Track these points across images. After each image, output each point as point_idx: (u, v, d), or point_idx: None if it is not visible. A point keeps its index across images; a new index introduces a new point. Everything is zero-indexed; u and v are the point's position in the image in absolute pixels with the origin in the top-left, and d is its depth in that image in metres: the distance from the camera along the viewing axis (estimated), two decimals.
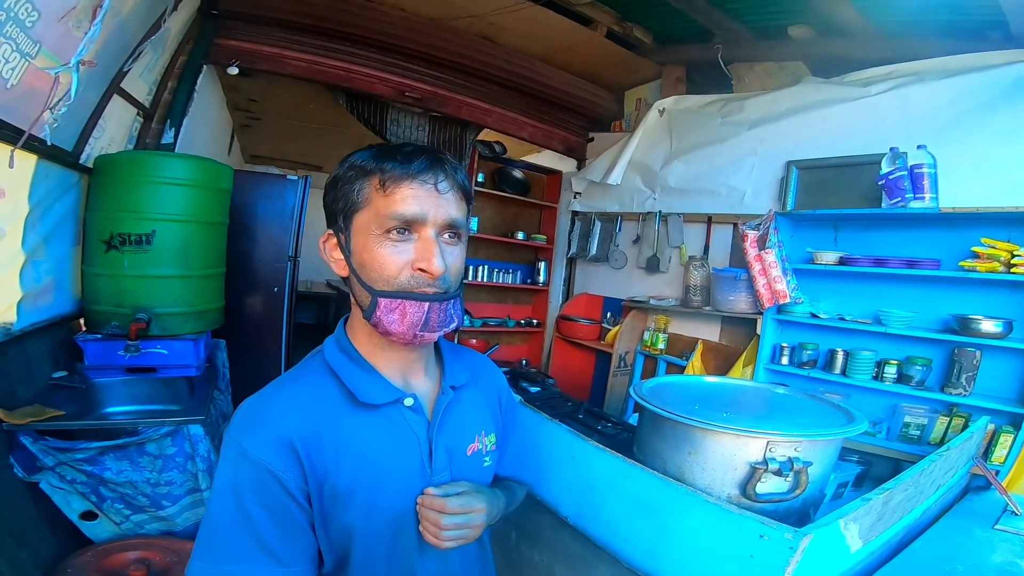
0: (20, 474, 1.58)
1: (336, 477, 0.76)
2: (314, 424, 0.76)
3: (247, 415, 0.76)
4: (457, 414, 0.89)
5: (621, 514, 1.28)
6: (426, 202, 0.76)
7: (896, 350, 2.46)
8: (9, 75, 1.47)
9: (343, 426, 0.78)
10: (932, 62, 2.51)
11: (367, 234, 0.77)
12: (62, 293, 2.07)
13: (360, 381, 0.80)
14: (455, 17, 3.35)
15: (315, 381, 0.81)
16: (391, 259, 0.76)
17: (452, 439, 0.87)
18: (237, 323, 2.96)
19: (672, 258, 3.64)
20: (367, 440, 0.79)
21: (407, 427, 0.82)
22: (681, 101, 3.67)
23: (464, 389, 0.92)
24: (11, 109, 1.54)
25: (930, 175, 2.31)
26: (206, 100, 3.25)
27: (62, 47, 1.65)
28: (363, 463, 0.77)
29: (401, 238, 0.76)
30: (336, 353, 0.83)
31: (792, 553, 0.92)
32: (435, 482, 0.82)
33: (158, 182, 2.12)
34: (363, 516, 0.77)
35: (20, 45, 1.47)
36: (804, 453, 1.13)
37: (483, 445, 0.92)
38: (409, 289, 0.76)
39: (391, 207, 0.75)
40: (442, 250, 0.77)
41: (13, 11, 1.40)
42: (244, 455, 0.72)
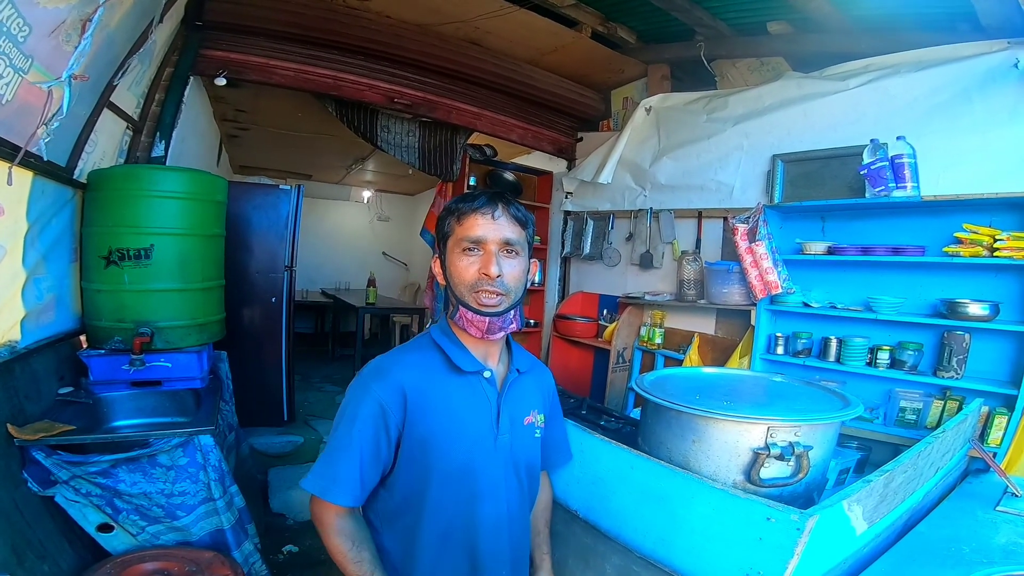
0: (35, 488, 1.60)
1: (426, 422, 1.04)
2: (421, 379, 1.07)
3: (377, 367, 1.08)
4: (518, 390, 1.18)
5: (630, 505, 1.31)
6: (485, 227, 1.06)
7: (888, 336, 2.52)
8: (3, 90, 1.47)
9: (440, 384, 1.08)
10: (907, 55, 2.57)
11: (453, 252, 1.09)
12: (64, 310, 2.07)
13: (456, 353, 1.10)
14: (442, 23, 3.37)
15: (425, 350, 1.13)
16: (466, 268, 1.07)
17: (514, 409, 1.15)
18: (237, 334, 2.97)
19: (665, 254, 3.70)
20: (454, 397, 1.08)
21: (483, 393, 1.11)
22: (667, 99, 3.72)
23: (525, 375, 1.21)
24: (6, 125, 1.54)
25: (910, 165, 2.37)
26: (194, 112, 3.25)
27: (53, 61, 1.65)
28: (448, 414, 1.06)
29: (472, 253, 1.07)
30: (440, 334, 1.14)
31: (799, 534, 0.95)
32: (499, 441, 1.10)
33: (154, 195, 2.13)
34: (441, 457, 1.04)
35: (13, 60, 1.47)
36: (804, 437, 1.17)
37: (535, 420, 1.20)
38: (477, 288, 1.06)
39: (463, 232, 1.07)
40: (499, 261, 1.06)
41: (5, 26, 1.40)
42: (369, 391, 1.03)
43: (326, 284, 7.86)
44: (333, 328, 7.35)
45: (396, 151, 3.95)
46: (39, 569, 1.49)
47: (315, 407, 4.54)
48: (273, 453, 3.55)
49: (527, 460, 1.18)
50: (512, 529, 1.14)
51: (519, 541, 1.18)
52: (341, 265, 8.03)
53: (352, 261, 8.02)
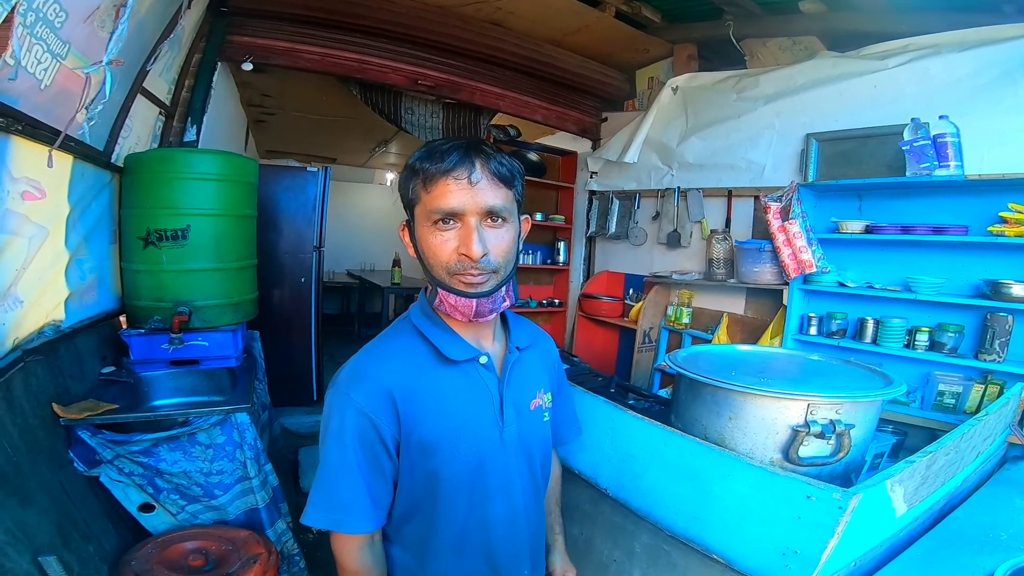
0: (81, 468, 1.65)
1: (423, 427, 0.89)
2: (409, 377, 0.90)
3: (354, 371, 0.90)
4: (521, 372, 1.02)
5: (663, 482, 1.31)
6: (461, 195, 0.85)
7: (927, 317, 2.45)
8: (42, 76, 1.49)
9: (431, 378, 0.92)
10: (949, 35, 2.49)
11: (422, 225, 0.89)
12: (104, 290, 2.14)
13: (444, 341, 0.93)
14: (464, 4, 3.33)
15: (407, 341, 0.95)
16: (440, 246, 0.87)
17: (518, 394, 1.00)
18: (268, 314, 3.03)
19: (693, 233, 3.65)
20: (450, 393, 0.92)
21: (482, 382, 0.95)
22: (694, 79, 3.64)
23: (526, 351, 1.04)
24: (46, 110, 1.57)
25: (954, 144, 2.30)
26: (222, 97, 3.29)
27: (89, 47, 1.67)
28: (447, 409, 0.91)
29: (447, 227, 0.86)
30: (421, 318, 0.96)
31: (841, 513, 0.94)
32: (506, 433, 0.96)
33: (189, 178, 2.17)
34: (446, 462, 0.91)
35: (51, 46, 1.48)
36: (846, 416, 1.15)
37: (543, 401, 1.06)
38: (458, 272, 0.87)
39: (432, 203, 0.86)
40: (482, 235, 0.86)
41: (42, 12, 1.40)
42: (351, 403, 0.87)
43: (352, 265, 7.95)
44: (359, 308, 7.45)
45: (420, 132, 3.95)
46: (84, 550, 1.52)
47: None
48: (303, 432, 3.62)
49: (538, 448, 1.05)
50: (529, 523, 1.03)
51: (536, 533, 1.08)
52: (366, 247, 8.10)
53: (376, 242, 8.07)
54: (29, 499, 1.39)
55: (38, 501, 1.43)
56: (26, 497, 1.38)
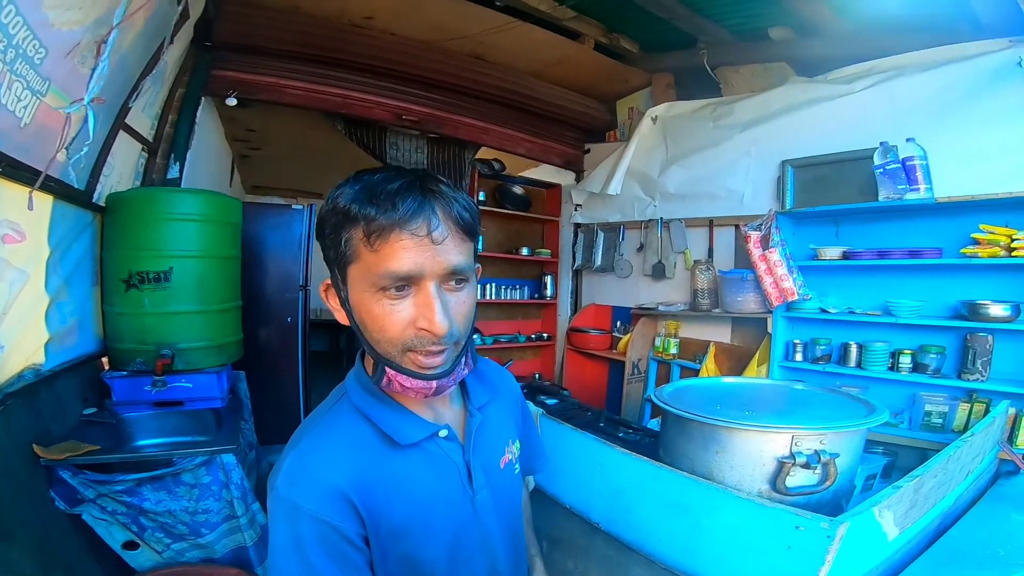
0: (62, 506, 1.63)
1: (390, 516, 0.75)
2: (361, 470, 0.74)
3: (293, 471, 0.73)
4: (487, 433, 0.89)
5: (653, 516, 1.32)
6: (420, 255, 0.67)
7: (909, 339, 2.49)
8: (22, 113, 1.45)
9: (388, 467, 0.76)
10: (911, 56, 2.56)
11: (361, 291, 0.70)
12: (86, 333, 2.11)
13: (394, 423, 0.78)
14: (446, 39, 3.40)
15: (350, 426, 0.78)
16: (390, 319, 0.70)
17: (486, 457, 0.87)
18: (253, 354, 2.99)
19: (677, 263, 3.68)
20: (412, 477, 0.78)
21: (445, 456, 0.82)
22: (672, 108, 3.72)
23: (488, 406, 0.91)
24: (26, 148, 1.54)
25: (922, 166, 2.36)
26: (206, 132, 3.27)
27: (70, 84, 1.64)
28: (413, 498, 0.77)
29: (399, 295, 0.69)
30: (362, 395, 0.80)
31: (830, 542, 0.95)
32: (477, 499, 0.83)
33: (172, 218, 2.16)
34: (420, 544, 0.78)
35: (31, 83, 1.45)
36: (830, 445, 1.16)
37: (512, 454, 0.94)
38: (413, 348, 0.71)
39: (381, 265, 0.67)
40: (444, 303, 0.70)
41: (22, 48, 1.37)
42: (300, 511, 0.70)
43: None
44: (348, 345, 7.38)
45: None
46: None
47: None
48: None
49: (513, 502, 0.94)
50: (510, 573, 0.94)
51: None
52: None
53: None
54: (11, 536, 1.39)
55: (20, 539, 1.43)
56: (7, 534, 1.38)
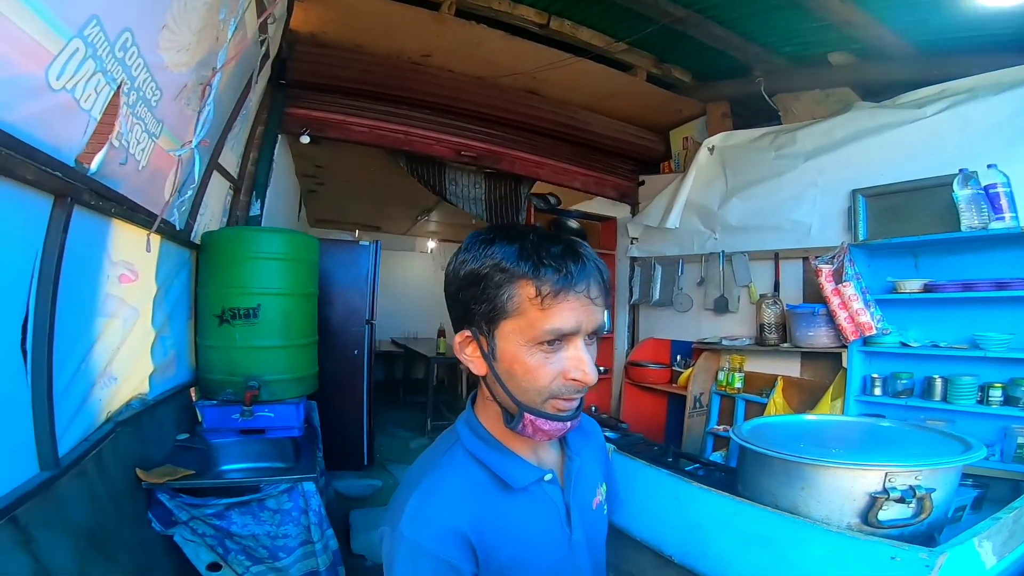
0: (158, 528, 1.74)
1: (500, 554, 0.79)
2: (478, 512, 0.79)
3: (417, 513, 0.77)
4: (583, 476, 0.95)
5: (732, 549, 1.31)
6: (581, 314, 0.74)
7: (998, 373, 2.35)
8: (140, 157, 1.50)
9: (500, 509, 0.81)
10: (983, 78, 2.49)
11: (516, 344, 0.75)
12: (182, 364, 2.28)
13: (507, 468, 0.83)
14: (501, 75, 3.52)
15: (466, 470, 0.83)
16: (543, 371, 0.75)
17: (582, 498, 0.93)
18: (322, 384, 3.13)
19: (741, 297, 3.60)
20: (521, 518, 0.83)
21: (548, 499, 0.87)
22: (730, 137, 3.70)
23: (582, 451, 0.97)
24: (141, 191, 1.64)
25: (1007, 194, 2.28)
26: (281, 169, 3.45)
27: (178, 126, 1.70)
28: (521, 538, 0.82)
29: (552, 348, 0.75)
30: (475, 441, 0.86)
31: (929, 571, 0.95)
32: (573, 539, 0.88)
33: (260, 257, 2.34)
34: None
35: (148, 125, 1.49)
36: (925, 481, 1.13)
37: (601, 496, 0.99)
38: (557, 395, 0.77)
39: (549, 322, 0.73)
40: (589, 355, 0.77)
41: (142, 91, 1.39)
42: (423, 552, 0.74)
43: (395, 334, 8.13)
44: (404, 376, 7.56)
45: (464, 203, 4.07)
46: None
47: (389, 452, 4.67)
48: (354, 495, 3.66)
49: (600, 541, 0.99)
50: None
51: None
52: (409, 314, 8.26)
53: (419, 310, 8.24)
54: (114, 559, 1.47)
55: (121, 559, 1.51)
56: (111, 556, 1.46)
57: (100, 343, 1.61)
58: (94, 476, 1.49)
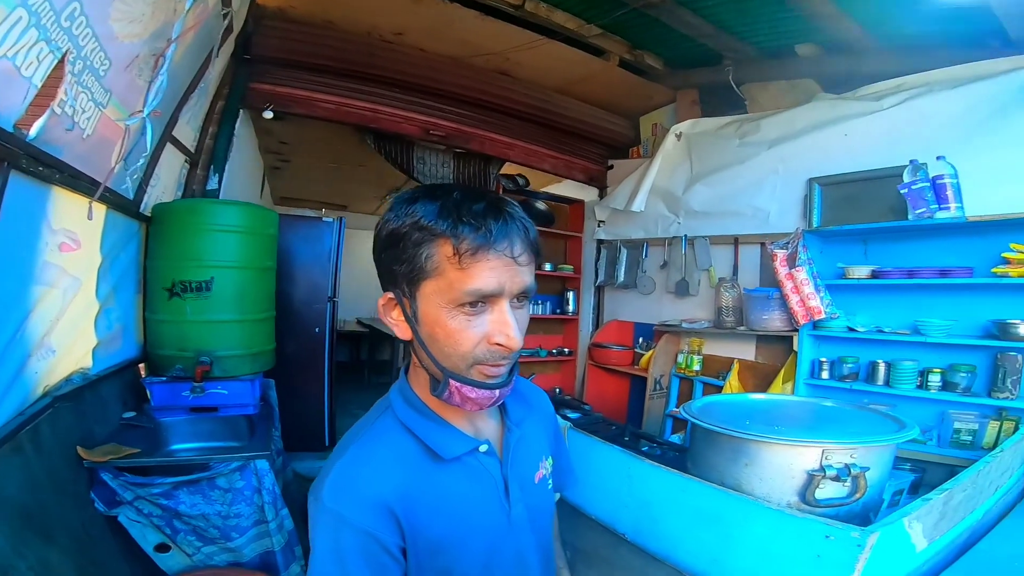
0: (101, 508, 1.68)
1: (429, 529, 0.77)
2: (405, 483, 0.76)
3: (339, 483, 0.75)
4: (523, 448, 0.91)
5: (682, 527, 1.33)
6: (504, 274, 0.71)
7: (938, 358, 2.46)
8: (85, 125, 1.50)
9: (430, 481, 0.79)
10: (940, 72, 2.56)
11: (437, 306, 0.72)
12: (128, 339, 2.20)
13: (438, 437, 0.80)
14: (474, 55, 3.49)
15: (395, 440, 0.81)
16: (465, 334, 0.72)
17: (522, 471, 0.89)
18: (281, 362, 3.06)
19: (701, 281, 3.68)
20: (453, 490, 0.80)
21: (484, 471, 0.84)
22: (697, 124, 3.74)
23: (524, 422, 0.93)
24: (85, 159, 1.60)
25: (953, 185, 2.35)
26: (243, 144, 3.35)
27: (128, 96, 1.68)
28: (453, 511, 0.79)
29: (475, 311, 0.72)
30: (406, 410, 0.83)
31: (860, 551, 0.97)
32: (512, 514, 0.85)
33: (215, 230, 2.25)
34: (457, 558, 0.79)
35: (95, 94, 1.48)
36: (860, 459, 1.18)
37: (545, 470, 0.96)
38: (483, 361, 0.74)
39: (468, 283, 0.70)
40: (514, 318, 0.73)
41: (89, 60, 1.40)
42: (344, 522, 0.72)
43: (362, 314, 8.00)
44: (370, 356, 7.47)
45: (432, 182, 4.05)
46: None
47: None
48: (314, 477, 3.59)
49: (548, 518, 0.97)
50: None
51: None
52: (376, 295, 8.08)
53: None
54: (52, 538, 1.43)
55: (60, 540, 1.46)
56: (49, 536, 1.42)
57: (37, 312, 1.54)
58: (30, 452, 1.43)
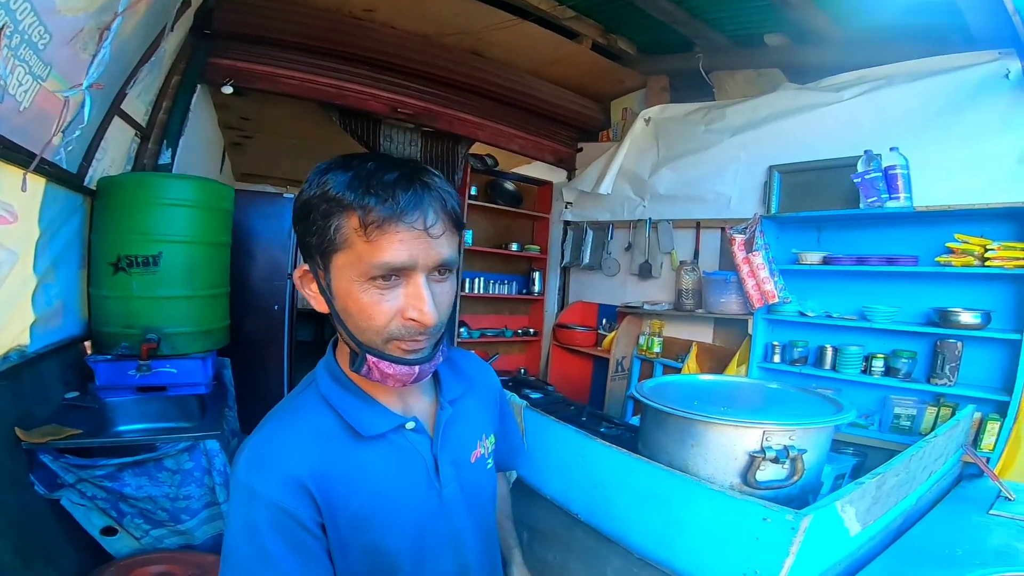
0: (42, 491, 1.62)
1: (350, 505, 0.75)
2: (321, 460, 0.74)
3: (253, 457, 0.73)
4: (458, 426, 0.89)
5: (632, 508, 1.35)
6: (415, 247, 0.68)
7: (882, 344, 2.56)
8: (22, 97, 1.49)
9: (350, 457, 0.76)
10: (901, 66, 2.62)
11: (349, 280, 0.70)
12: (71, 315, 2.10)
13: (359, 413, 0.78)
14: (445, 34, 3.43)
15: (315, 415, 0.78)
16: (378, 308, 0.70)
17: (456, 450, 0.87)
18: (240, 341, 2.99)
19: (664, 264, 3.74)
20: (375, 468, 0.78)
21: (412, 448, 0.82)
22: (666, 110, 3.78)
23: (461, 399, 0.91)
24: (23, 131, 1.56)
25: (903, 175, 2.42)
26: (200, 119, 3.25)
27: (70, 69, 1.66)
28: (374, 489, 0.77)
29: (388, 285, 0.70)
30: (331, 384, 0.80)
31: (794, 533, 0.99)
32: (444, 494, 0.83)
33: (163, 203, 2.16)
34: (381, 536, 0.78)
35: (33, 68, 1.48)
36: (799, 441, 1.21)
37: (484, 449, 0.93)
38: (399, 336, 0.72)
39: (375, 256, 0.67)
40: (432, 293, 0.71)
41: (27, 34, 1.41)
42: (257, 497, 0.70)
43: None
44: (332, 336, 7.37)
45: None
46: (44, 573, 1.51)
47: None
48: None
49: (488, 498, 0.95)
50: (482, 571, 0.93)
51: None
52: None
53: None
54: None
55: None
56: None
57: None
58: None
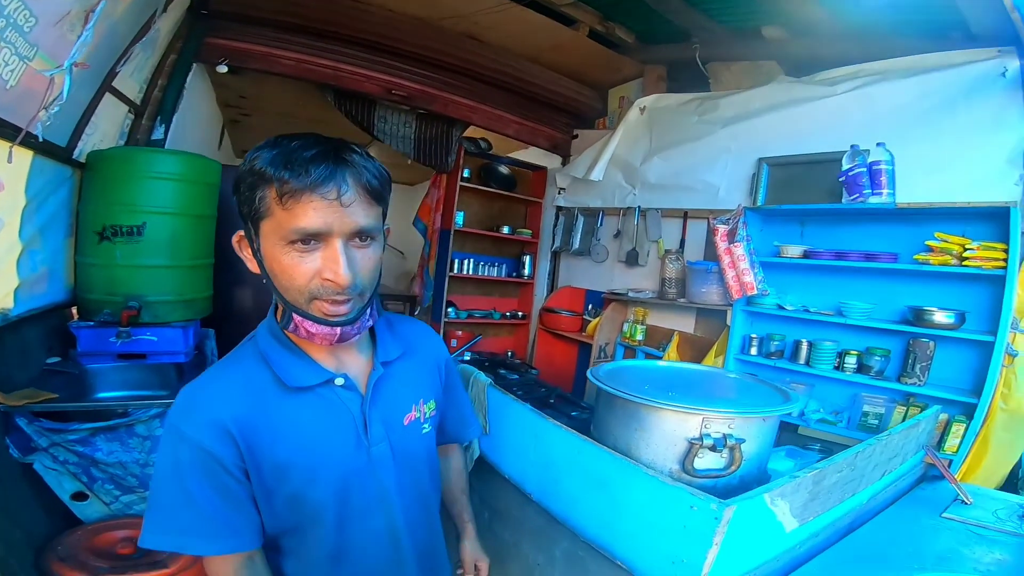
0: (15, 455, 1.66)
1: (273, 454, 0.81)
2: (247, 408, 0.81)
3: (185, 402, 0.81)
4: (391, 387, 0.94)
5: (579, 489, 1.36)
6: (329, 215, 0.75)
7: (857, 341, 2.56)
8: (8, 77, 1.57)
9: (276, 408, 0.83)
10: (897, 61, 2.59)
11: (273, 244, 0.78)
12: (56, 282, 2.15)
13: (289, 366, 0.85)
14: (441, 17, 3.42)
15: (248, 367, 0.86)
16: (298, 270, 0.77)
17: (387, 411, 0.92)
18: (227, 313, 3.02)
19: (650, 252, 3.75)
20: (300, 419, 0.84)
21: (341, 404, 0.87)
22: (661, 99, 3.76)
23: (397, 362, 0.96)
24: (10, 108, 1.64)
25: (888, 171, 2.40)
26: (196, 97, 3.30)
27: (57, 50, 1.73)
28: (299, 439, 0.83)
29: (307, 248, 0.76)
30: (268, 339, 0.87)
31: (717, 523, 0.97)
32: (373, 452, 0.89)
33: (148, 177, 2.20)
34: (305, 486, 0.84)
35: (19, 49, 1.56)
36: (737, 430, 1.22)
37: (420, 413, 0.98)
38: (319, 296, 0.79)
39: (291, 222, 0.74)
40: (350, 257, 0.77)
41: (12, 18, 1.49)
42: (183, 437, 0.78)
43: None
44: None
45: (392, 141, 4.01)
46: (12, 535, 1.54)
47: None
48: None
49: (423, 461, 0.99)
50: (414, 534, 0.97)
51: (425, 545, 1.02)
52: None
53: None
54: None
55: None
56: None
57: None
58: None
